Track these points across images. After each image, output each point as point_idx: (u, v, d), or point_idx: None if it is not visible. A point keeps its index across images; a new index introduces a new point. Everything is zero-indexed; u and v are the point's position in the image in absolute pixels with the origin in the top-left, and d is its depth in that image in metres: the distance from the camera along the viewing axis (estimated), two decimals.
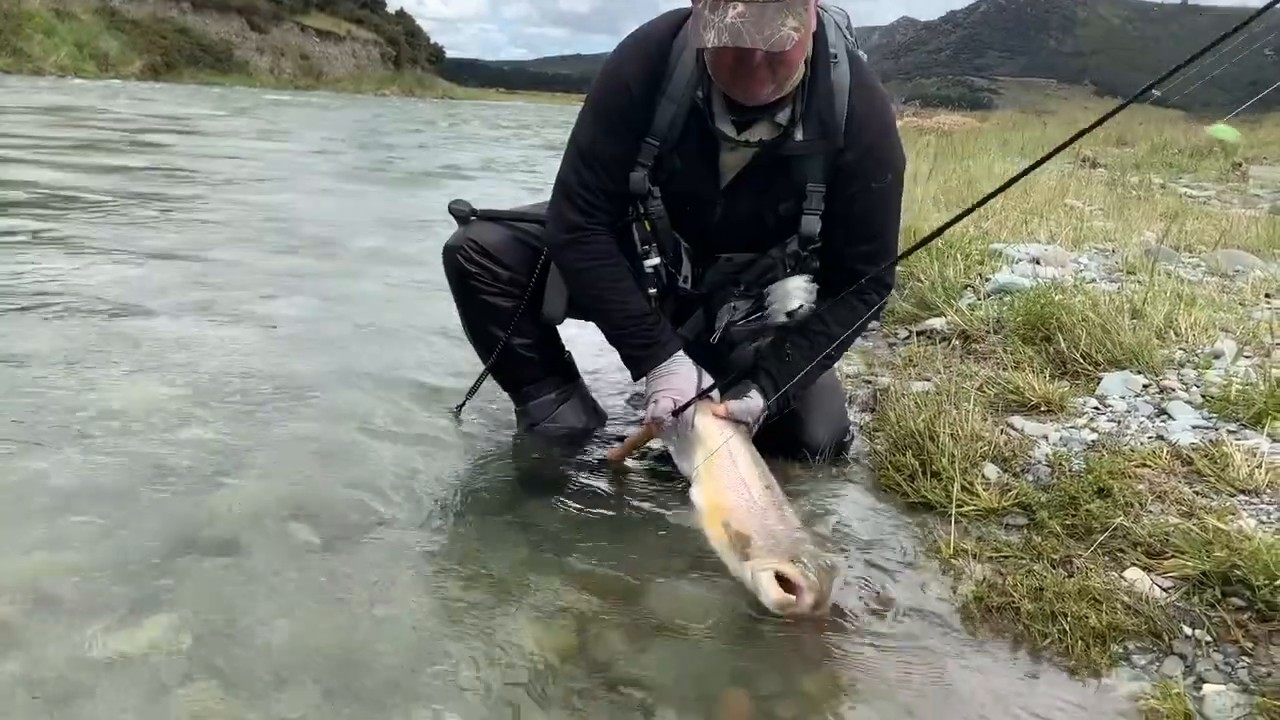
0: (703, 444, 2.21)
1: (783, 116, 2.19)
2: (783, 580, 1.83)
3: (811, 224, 2.29)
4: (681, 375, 2.32)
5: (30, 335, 3.48)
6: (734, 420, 2.27)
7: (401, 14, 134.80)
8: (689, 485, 2.20)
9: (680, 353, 2.37)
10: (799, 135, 2.20)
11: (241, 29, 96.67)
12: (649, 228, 2.38)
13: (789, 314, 2.36)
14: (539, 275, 2.60)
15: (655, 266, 2.40)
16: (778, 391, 2.34)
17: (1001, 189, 2.12)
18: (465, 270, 2.61)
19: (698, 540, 2.07)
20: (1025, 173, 2.03)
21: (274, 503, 2.26)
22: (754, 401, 2.32)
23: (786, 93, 2.13)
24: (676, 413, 2.25)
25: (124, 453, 2.48)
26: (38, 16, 67.44)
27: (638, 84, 2.25)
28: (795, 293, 2.36)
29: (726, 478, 2.12)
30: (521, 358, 2.73)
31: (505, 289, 2.63)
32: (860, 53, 2.32)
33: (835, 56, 2.22)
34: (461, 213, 2.65)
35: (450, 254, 2.63)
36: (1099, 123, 2.01)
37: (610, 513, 2.36)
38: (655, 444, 2.58)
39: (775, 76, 2.04)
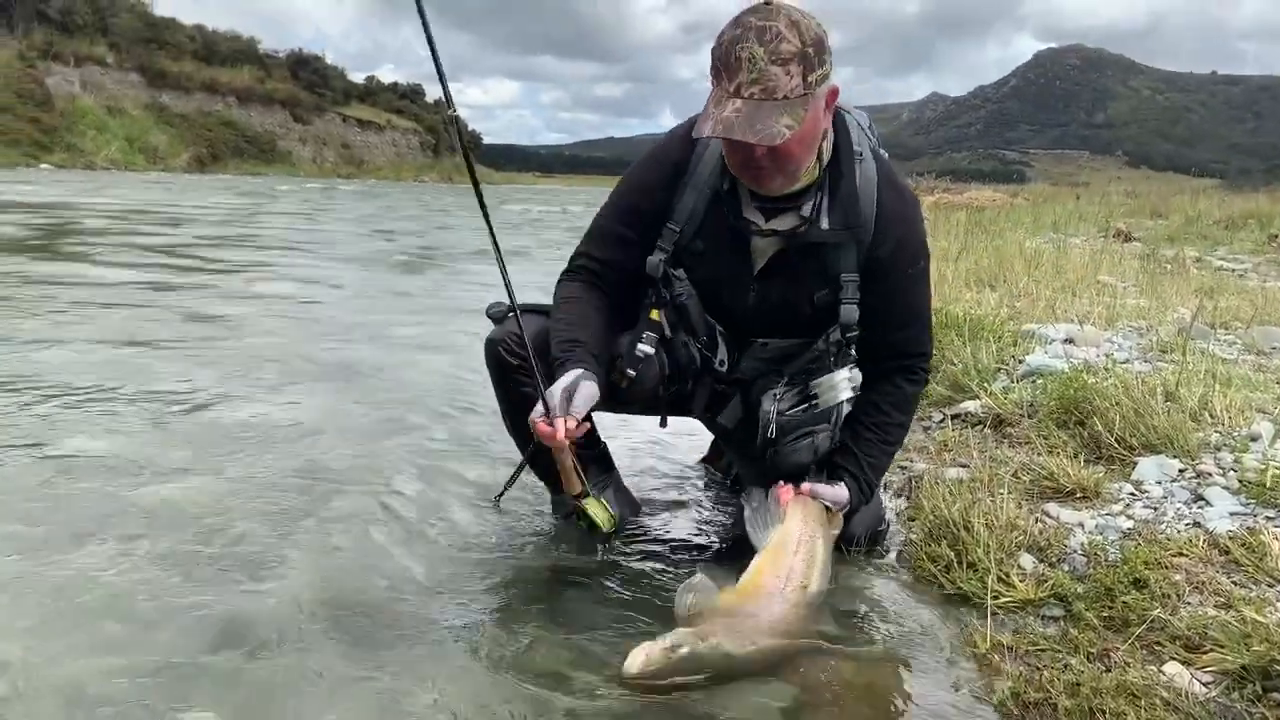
0: (779, 524, 2.31)
1: (807, 208, 2.29)
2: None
3: (850, 313, 2.38)
4: (565, 379, 2.32)
5: (72, 431, 3.58)
6: (823, 507, 2.41)
7: (439, 103, 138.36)
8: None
9: (581, 370, 2.35)
10: (824, 224, 2.30)
11: (285, 120, 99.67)
12: (657, 314, 2.47)
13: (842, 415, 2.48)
14: None
15: (646, 353, 2.45)
16: (857, 482, 2.48)
17: None
18: (507, 363, 2.64)
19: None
20: None
21: (312, 599, 2.29)
22: (841, 491, 2.45)
23: (801, 185, 2.24)
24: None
25: (164, 549, 2.54)
26: (90, 113, 69.93)
27: (657, 177, 2.42)
28: (842, 386, 2.44)
29: (776, 563, 2.21)
30: None
31: (546, 381, 2.66)
32: (883, 152, 2.43)
33: (860, 154, 2.33)
34: (499, 314, 2.68)
35: (492, 346, 2.68)
36: None
37: (651, 602, 2.37)
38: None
39: (781, 169, 2.15)
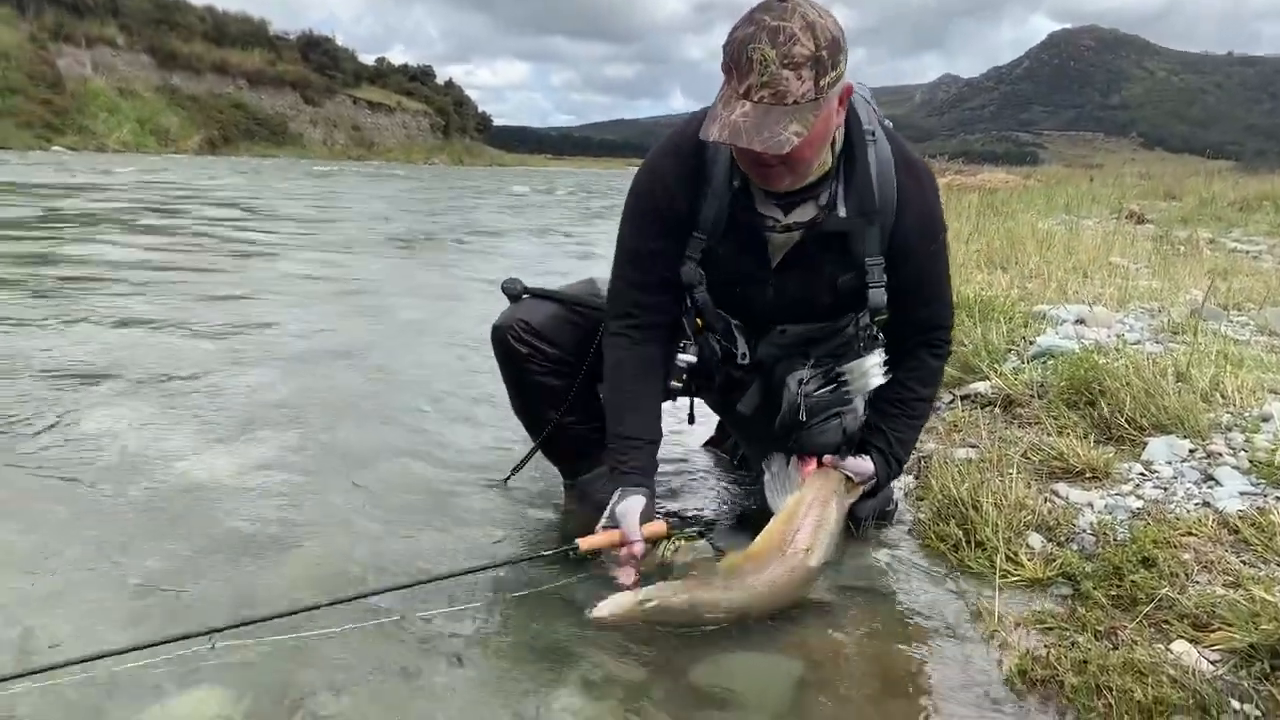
0: (797, 490, 2.33)
1: (824, 197, 2.24)
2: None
3: (879, 296, 2.35)
4: (631, 510, 2.30)
5: (96, 407, 3.61)
6: (843, 477, 2.41)
7: (450, 85, 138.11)
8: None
9: (641, 492, 2.35)
10: (842, 212, 2.25)
11: (295, 103, 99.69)
12: (699, 321, 2.45)
13: (869, 393, 2.50)
14: (593, 360, 2.61)
15: (690, 363, 2.44)
16: (884, 457, 2.48)
17: None
18: (515, 351, 2.64)
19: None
20: None
21: (321, 577, 2.32)
22: (865, 463, 2.45)
23: (814, 178, 2.19)
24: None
25: (186, 526, 2.57)
26: (102, 95, 70.03)
27: (675, 180, 2.31)
28: (873, 372, 2.44)
29: (783, 528, 2.24)
30: (571, 435, 2.77)
31: (555, 368, 2.66)
32: (888, 122, 2.39)
33: (873, 135, 2.28)
34: (514, 291, 2.69)
35: (499, 334, 2.67)
36: None
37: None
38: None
39: (791, 171, 2.10)
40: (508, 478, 2.98)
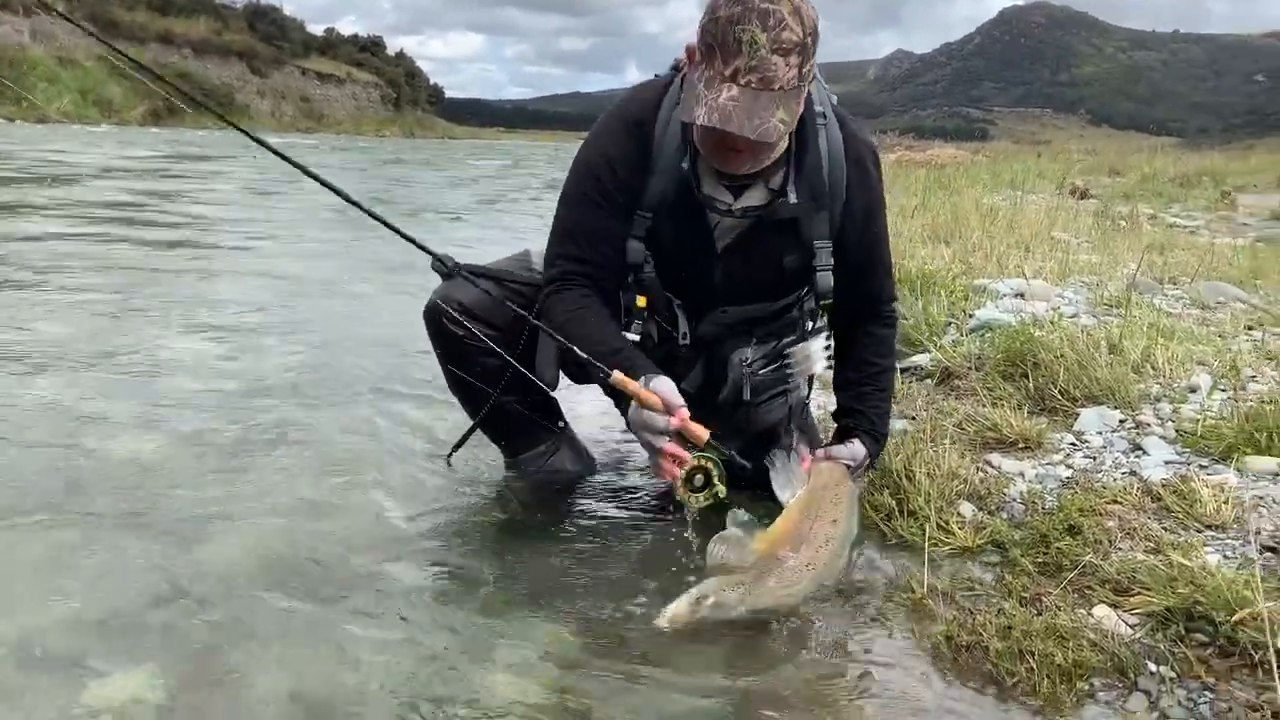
0: (806, 484, 2.30)
1: (775, 182, 2.23)
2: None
3: (826, 280, 2.35)
4: (669, 385, 2.18)
5: (19, 390, 3.53)
6: (843, 466, 2.39)
7: (401, 56, 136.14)
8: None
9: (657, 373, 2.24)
10: (792, 198, 2.23)
11: (243, 73, 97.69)
12: (641, 301, 2.39)
13: (812, 377, 2.54)
14: (528, 338, 2.54)
15: (634, 341, 2.38)
16: (872, 436, 2.51)
17: None
18: (449, 333, 2.58)
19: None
20: None
21: (259, 554, 2.29)
22: (857, 447, 2.46)
23: (766, 166, 2.17)
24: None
25: (114, 506, 2.53)
26: (41, 65, 68.15)
27: (620, 157, 2.28)
28: (818, 356, 2.45)
29: (796, 522, 2.18)
30: (510, 414, 2.73)
31: (490, 349, 2.57)
32: (834, 97, 2.39)
33: (824, 117, 2.28)
34: (445, 269, 2.59)
35: (433, 315, 2.60)
36: None
37: (598, 560, 2.39)
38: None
39: (756, 159, 2.09)
40: (448, 456, 2.97)
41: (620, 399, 2.36)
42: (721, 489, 2.12)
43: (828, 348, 2.46)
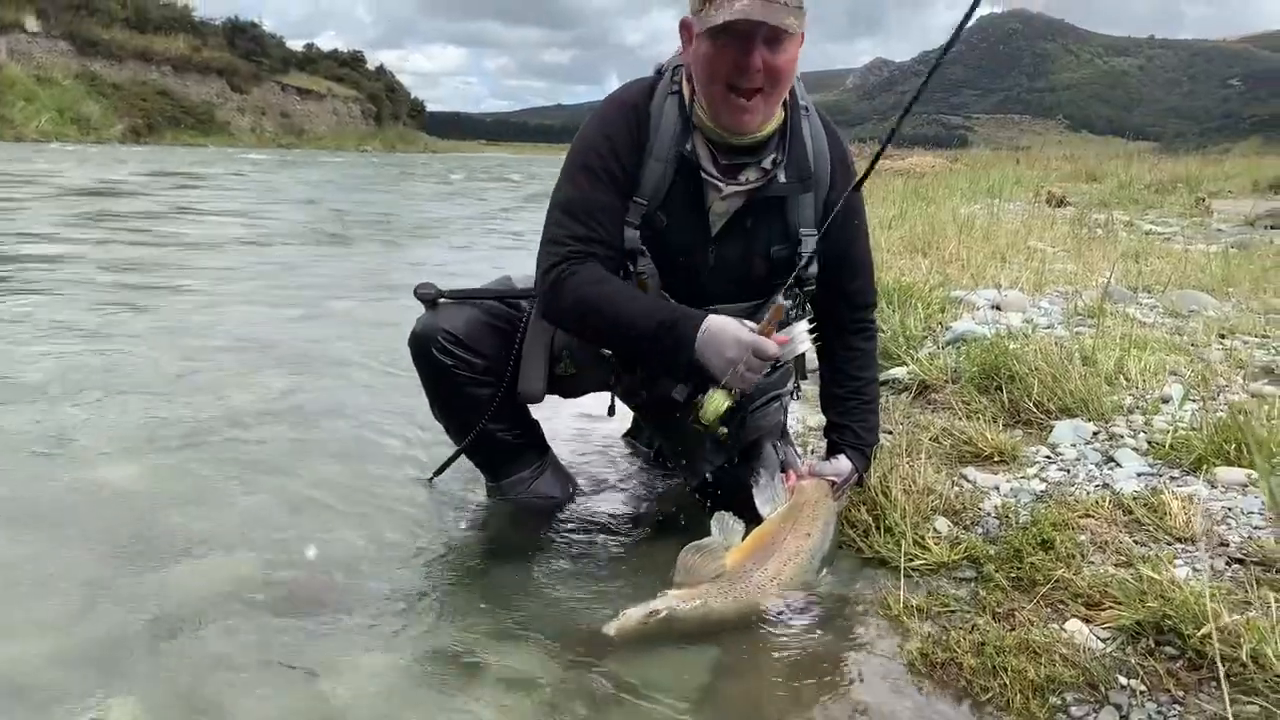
0: (789, 498, 2.37)
1: (767, 160, 2.33)
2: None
3: (811, 268, 2.40)
4: (731, 322, 2.24)
5: (3, 414, 3.52)
6: (827, 483, 2.43)
7: (381, 70, 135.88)
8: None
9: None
10: (782, 178, 2.34)
11: (222, 90, 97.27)
12: (643, 289, 2.40)
13: (796, 358, 2.57)
14: (515, 358, 2.57)
15: None
16: (859, 451, 2.56)
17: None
18: (440, 363, 2.56)
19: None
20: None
21: (242, 578, 2.30)
22: (843, 463, 2.50)
23: (760, 137, 2.28)
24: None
25: (94, 532, 2.53)
26: (19, 83, 67.77)
27: (619, 141, 2.33)
28: (801, 337, 2.43)
29: (769, 536, 2.26)
30: (496, 441, 2.73)
31: (481, 378, 2.58)
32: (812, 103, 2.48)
33: (806, 109, 2.40)
34: (428, 297, 2.60)
35: (421, 344, 2.58)
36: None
37: (578, 582, 2.40)
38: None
39: (766, 97, 2.19)
40: (431, 478, 2.97)
41: (632, 371, 2.55)
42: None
43: (812, 330, 2.46)
